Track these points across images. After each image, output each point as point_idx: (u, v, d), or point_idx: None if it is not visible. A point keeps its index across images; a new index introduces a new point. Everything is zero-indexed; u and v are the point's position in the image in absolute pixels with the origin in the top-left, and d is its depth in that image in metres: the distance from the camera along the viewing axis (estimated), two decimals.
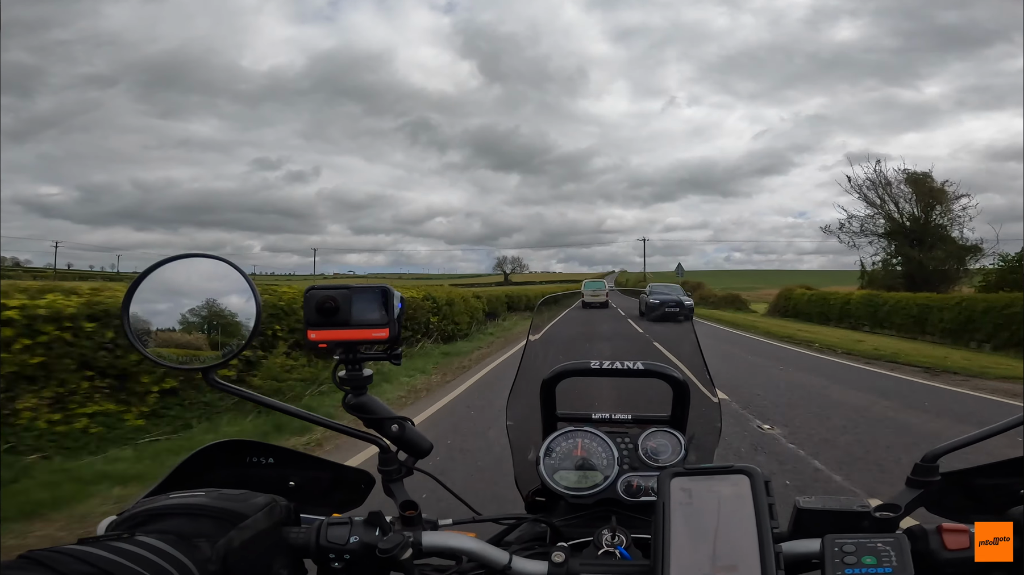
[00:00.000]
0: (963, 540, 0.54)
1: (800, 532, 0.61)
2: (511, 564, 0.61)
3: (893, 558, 0.51)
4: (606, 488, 0.80)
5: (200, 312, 0.67)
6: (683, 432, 0.86)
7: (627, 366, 0.89)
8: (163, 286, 0.65)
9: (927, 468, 0.63)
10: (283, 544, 0.60)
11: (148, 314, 0.65)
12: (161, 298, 0.65)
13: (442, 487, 0.80)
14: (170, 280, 0.65)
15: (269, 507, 0.60)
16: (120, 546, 0.48)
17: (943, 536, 0.55)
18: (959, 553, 0.54)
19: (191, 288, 0.67)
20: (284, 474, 0.73)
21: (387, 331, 0.64)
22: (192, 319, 0.67)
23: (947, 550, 0.54)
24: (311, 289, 0.65)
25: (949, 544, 0.54)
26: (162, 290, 0.65)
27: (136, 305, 0.63)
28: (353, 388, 0.67)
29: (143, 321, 0.64)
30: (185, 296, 0.67)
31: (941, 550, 0.54)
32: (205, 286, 0.67)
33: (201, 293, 0.67)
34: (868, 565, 0.51)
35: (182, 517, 0.56)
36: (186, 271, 0.66)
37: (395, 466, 0.69)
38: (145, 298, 0.64)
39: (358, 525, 0.61)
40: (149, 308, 0.65)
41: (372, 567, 0.60)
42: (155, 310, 0.65)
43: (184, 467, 0.70)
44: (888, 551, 0.51)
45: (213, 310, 0.67)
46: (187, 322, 0.67)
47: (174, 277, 0.65)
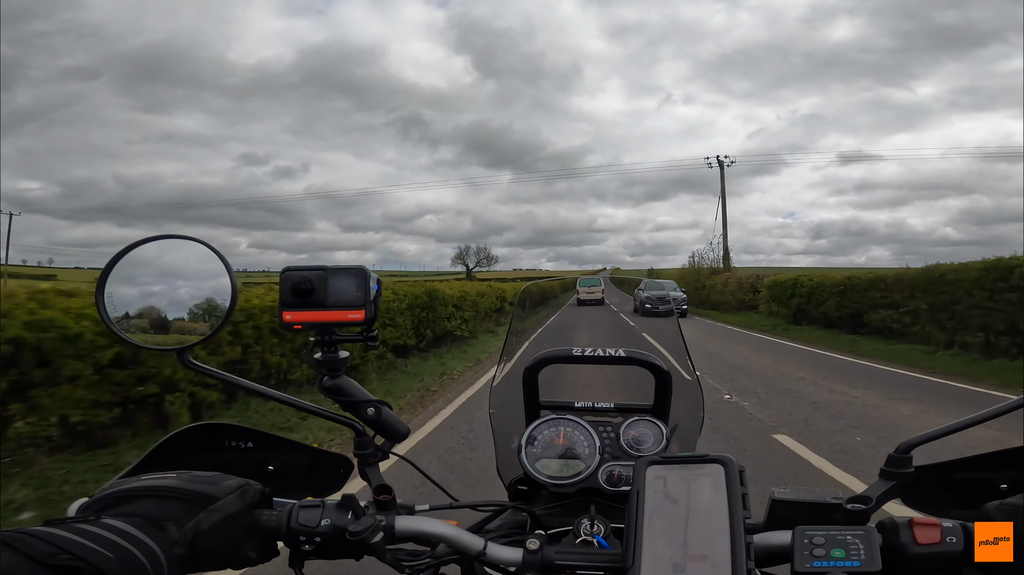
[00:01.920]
0: (934, 534, 0.53)
1: (774, 523, 0.61)
2: (486, 550, 0.60)
3: (862, 551, 0.51)
4: (587, 477, 0.80)
5: (175, 293, 0.66)
6: (665, 421, 0.86)
7: (609, 353, 0.88)
8: (137, 268, 0.64)
9: (900, 459, 0.62)
10: (254, 527, 0.60)
11: (123, 296, 0.64)
12: (136, 280, 0.65)
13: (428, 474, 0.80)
14: (144, 262, 0.65)
15: (241, 490, 0.59)
16: (86, 528, 0.48)
17: (914, 530, 0.54)
18: (929, 547, 0.53)
19: (165, 270, 0.67)
20: (262, 458, 0.73)
21: (363, 313, 0.64)
22: (167, 300, 0.67)
23: (917, 544, 0.53)
24: (286, 270, 0.64)
25: (920, 538, 0.53)
26: (136, 272, 0.64)
27: (111, 287, 0.63)
28: (329, 370, 0.67)
29: (117, 303, 0.64)
30: (160, 277, 0.67)
31: (911, 544, 0.54)
32: (179, 267, 0.67)
33: (175, 274, 0.66)
34: (836, 558, 0.51)
35: (151, 499, 0.55)
36: (160, 253, 0.66)
37: (371, 450, 0.69)
38: (119, 280, 0.63)
39: (330, 508, 0.61)
40: (124, 290, 0.64)
41: (344, 550, 0.60)
42: (130, 292, 0.65)
43: (160, 450, 0.69)
44: (857, 544, 0.51)
45: (188, 291, 0.66)
46: (162, 303, 0.67)
47: (148, 259, 0.65)
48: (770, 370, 8.24)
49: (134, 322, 0.65)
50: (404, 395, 6.40)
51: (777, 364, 8.93)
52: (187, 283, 0.67)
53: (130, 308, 0.65)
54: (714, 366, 8.15)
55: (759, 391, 6.47)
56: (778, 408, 5.57)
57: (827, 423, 4.99)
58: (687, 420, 0.93)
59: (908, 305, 10.75)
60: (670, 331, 1.06)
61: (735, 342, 12.48)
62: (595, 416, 0.87)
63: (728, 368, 8.16)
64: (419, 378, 7.31)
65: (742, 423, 5.00)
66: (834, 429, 4.77)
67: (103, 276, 0.62)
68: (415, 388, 6.78)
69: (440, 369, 8.05)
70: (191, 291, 0.67)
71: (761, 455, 4.05)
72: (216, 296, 0.65)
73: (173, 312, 0.66)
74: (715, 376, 7.20)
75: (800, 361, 9.26)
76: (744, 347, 11.46)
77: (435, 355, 9.32)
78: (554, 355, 0.90)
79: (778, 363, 9.03)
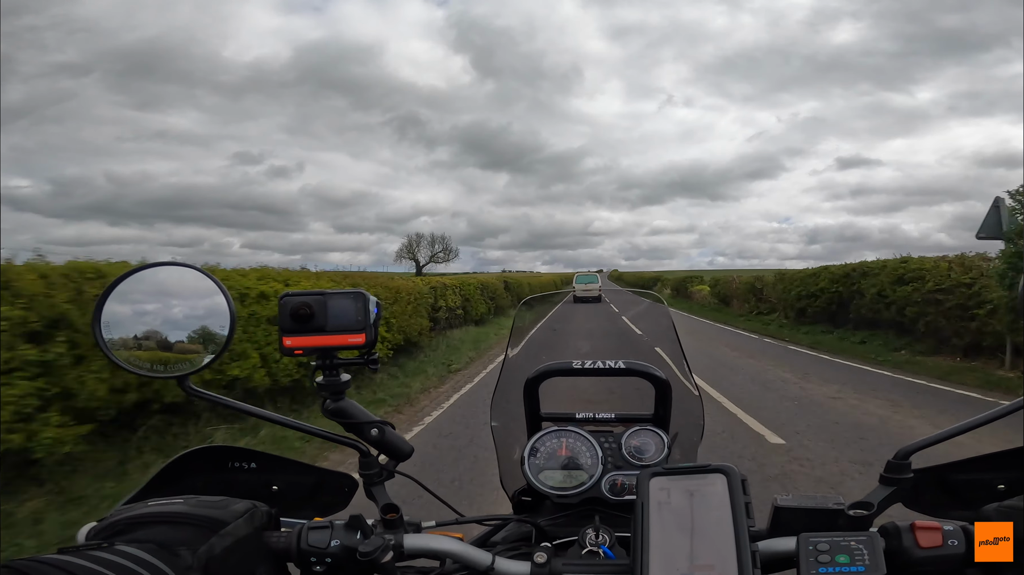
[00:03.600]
0: (936, 538, 0.54)
1: (778, 530, 0.62)
2: (494, 565, 0.61)
3: (866, 557, 0.51)
4: (591, 487, 0.80)
5: (172, 319, 0.66)
6: (666, 430, 0.86)
7: (609, 365, 0.89)
8: (135, 295, 0.64)
9: (899, 465, 0.63)
10: (264, 549, 0.60)
11: (120, 323, 0.64)
12: (133, 307, 0.65)
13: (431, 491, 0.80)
14: (142, 289, 0.65)
15: (249, 513, 0.59)
16: (99, 555, 0.48)
17: (916, 534, 0.55)
18: (932, 551, 0.54)
19: (163, 296, 0.67)
20: (266, 479, 0.73)
21: (363, 336, 0.64)
22: (165, 326, 0.66)
23: (920, 548, 0.54)
24: (285, 295, 0.64)
25: (922, 542, 0.54)
26: (134, 299, 0.64)
27: (108, 313, 0.62)
28: (331, 394, 0.67)
29: (114, 329, 0.64)
30: (158, 304, 0.67)
31: (914, 548, 0.54)
32: (178, 294, 0.66)
33: (174, 301, 0.66)
34: (841, 563, 0.51)
35: (162, 525, 0.55)
36: (158, 279, 0.66)
37: (376, 470, 0.69)
38: (117, 307, 0.63)
39: (339, 529, 0.61)
40: (121, 317, 0.64)
41: (354, 571, 0.60)
42: (127, 319, 0.65)
43: (164, 474, 0.69)
44: (861, 550, 0.52)
45: (186, 318, 0.66)
46: (160, 329, 0.66)
47: (146, 286, 0.65)
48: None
49: (131, 350, 0.65)
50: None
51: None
52: (184, 309, 0.67)
53: (127, 334, 0.64)
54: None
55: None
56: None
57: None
58: (687, 428, 0.94)
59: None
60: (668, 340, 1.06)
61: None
62: (596, 426, 0.87)
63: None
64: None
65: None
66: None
67: (99, 303, 0.62)
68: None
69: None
70: (188, 317, 0.67)
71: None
72: (214, 323, 0.65)
73: (172, 337, 0.66)
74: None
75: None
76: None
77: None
78: (554, 368, 0.90)
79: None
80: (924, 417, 5.02)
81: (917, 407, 5.43)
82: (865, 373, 7.63)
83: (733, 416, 5.02)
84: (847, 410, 5.32)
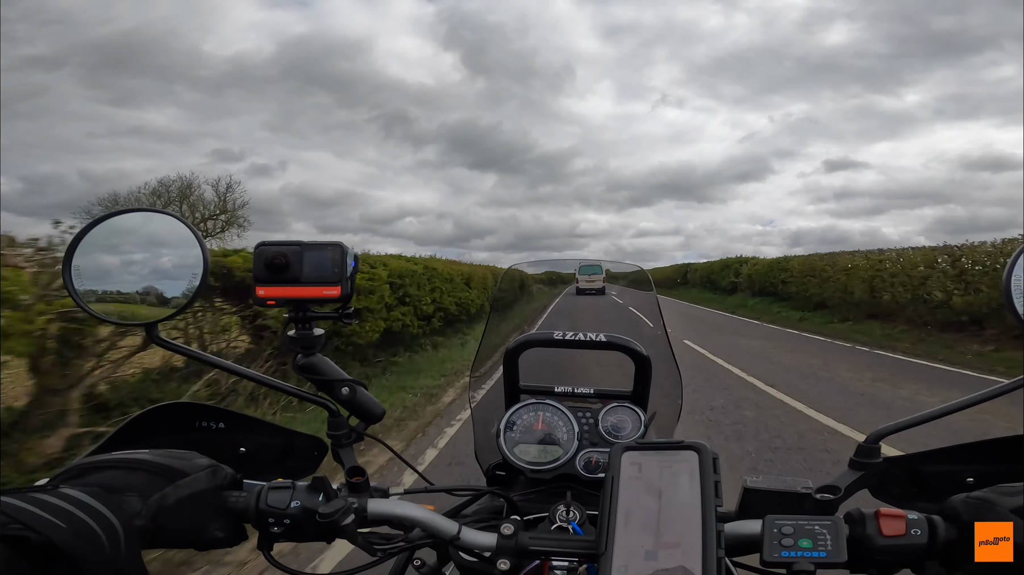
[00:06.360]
0: (899, 526, 0.54)
1: (746, 511, 0.61)
2: (460, 534, 0.60)
3: (828, 542, 0.51)
4: (565, 463, 0.79)
5: (145, 267, 0.65)
6: (644, 408, 0.85)
7: (590, 338, 0.88)
8: (106, 242, 0.62)
9: (869, 449, 0.62)
10: (223, 508, 0.59)
11: (91, 270, 0.62)
12: (104, 254, 0.63)
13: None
14: (114, 236, 0.63)
15: (212, 469, 0.58)
16: (40, 498, 0.47)
17: (880, 521, 0.54)
18: (895, 540, 0.53)
19: (135, 244, 0.65)
20: (234, 439, 0.71)
21: (339, 289, 0.62)
22: (137, 275, 0.65)
23: (883, 536, 0.54)
24: (261, 244, 0.62)
25: (885, 530, 0.54)
26: (106, 246, 0.62)
27: (79, 260, 0.61)
28: (303, 348, 0.65)
29: (85, 276, 0.62)
30: (129, 252, 0.65)
31: (877, 535, 0.54)
32: (150, 241, 0.65)
33: (146, 248, 0.65)
34: (804, 548, 0.51)
35: (116, 470, 0.54)
36: (130, 226, 0.64)
37: (344, 431, 0.68)
38: (88, 254, 0.61)
39: (300, 490, 0.60)
40: (92, 264, 0.62)
41: (314, 533, 0.59)
42: (98, 266, 0.63)
43: (127, 430, 0.67)
44: (824, 534, 0.51)
45: (159, 265, 0.65)
46: (132, 278, 0.65)
47: (118, 233, 0.63)
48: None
49: (102, 296, 0.63)
50: None
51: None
52: (158, 257, 0.65)
53: (98, 281, 0.63)
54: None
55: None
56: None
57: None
58: (665, 406, 0.93)
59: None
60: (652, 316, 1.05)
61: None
62: (575, 402, 0.87)
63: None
64: None
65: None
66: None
67: (70, 248, 0.60)
68: None
69: None
70: (162, 265, 0.65)
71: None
72: (187, 270, 0.63)
73: (143, 286, 0.65)
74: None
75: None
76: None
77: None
78: (535, 338, 0.89)
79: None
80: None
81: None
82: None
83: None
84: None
